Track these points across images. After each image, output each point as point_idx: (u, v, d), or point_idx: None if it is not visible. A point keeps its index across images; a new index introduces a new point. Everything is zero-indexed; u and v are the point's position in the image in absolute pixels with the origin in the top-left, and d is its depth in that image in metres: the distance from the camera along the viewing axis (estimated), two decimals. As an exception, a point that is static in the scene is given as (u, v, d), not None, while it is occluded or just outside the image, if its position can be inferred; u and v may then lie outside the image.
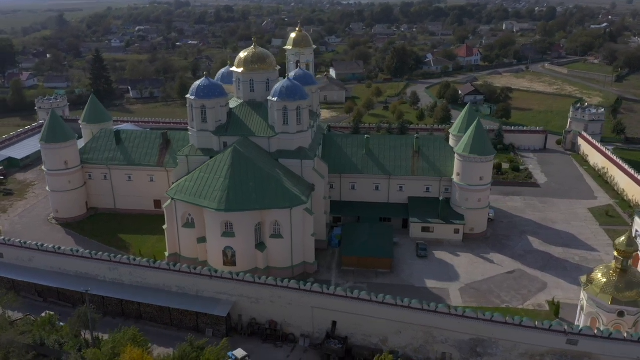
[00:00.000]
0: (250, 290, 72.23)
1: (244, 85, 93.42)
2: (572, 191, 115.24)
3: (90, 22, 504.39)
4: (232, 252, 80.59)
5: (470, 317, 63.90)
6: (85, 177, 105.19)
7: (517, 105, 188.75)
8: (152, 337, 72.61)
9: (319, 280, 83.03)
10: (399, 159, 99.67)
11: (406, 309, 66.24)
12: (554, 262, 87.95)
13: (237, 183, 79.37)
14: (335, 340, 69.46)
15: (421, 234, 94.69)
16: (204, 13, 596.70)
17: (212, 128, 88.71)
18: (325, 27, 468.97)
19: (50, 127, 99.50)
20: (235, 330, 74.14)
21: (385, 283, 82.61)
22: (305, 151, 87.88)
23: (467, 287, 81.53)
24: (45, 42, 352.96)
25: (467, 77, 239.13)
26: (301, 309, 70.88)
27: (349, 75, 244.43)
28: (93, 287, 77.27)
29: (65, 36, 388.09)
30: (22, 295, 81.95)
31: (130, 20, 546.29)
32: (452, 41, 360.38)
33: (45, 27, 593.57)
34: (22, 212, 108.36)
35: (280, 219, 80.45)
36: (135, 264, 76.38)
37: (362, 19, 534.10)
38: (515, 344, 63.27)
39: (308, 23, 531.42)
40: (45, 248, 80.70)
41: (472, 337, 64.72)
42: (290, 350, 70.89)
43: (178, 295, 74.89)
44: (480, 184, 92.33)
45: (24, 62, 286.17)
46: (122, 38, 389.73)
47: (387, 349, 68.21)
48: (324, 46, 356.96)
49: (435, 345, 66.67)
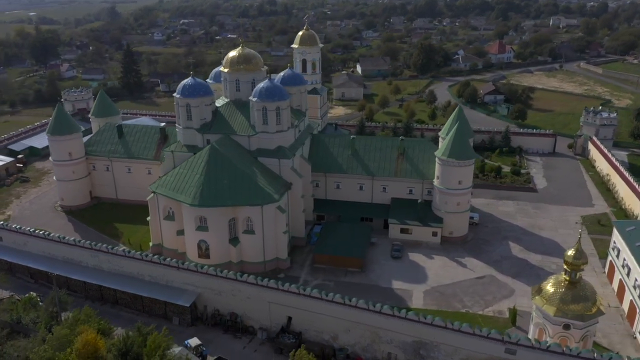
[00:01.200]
0: (214, 282, 75.94)
1: (230, 85, 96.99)
2: (570, 197, 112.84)
3: (137, 15, 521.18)
4: (206, 246, 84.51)
5: (412, 319, 65.20)
6: (89, 168, 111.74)
7: (538, 106, 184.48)
8: (124, 322, 78.20)
9: (289, 277, 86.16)
10: (383, 160, 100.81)
11: (353, 309, 68.23)
12: (528, 269, 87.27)
13: (212, 180, 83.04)
14: (290, 334, 72.35)
15: (400, 235, 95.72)
16: (249, 6, 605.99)
17: (197, 125, 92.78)
18: (365, 21, 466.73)
19: (56, 120, 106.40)
20: (200, 319, 78.20)
21: (353, 282, 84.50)
22: (284, 150, 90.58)
23: (432, 290, 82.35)
24: (90, 34, 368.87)
25: (495, 75, 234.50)
26: (259, 303, 74.02)
27: (374, 71, 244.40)
28: (76, 272, 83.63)
29: (111, 28, 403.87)
30: (17, 277, 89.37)
31: (177, 13, 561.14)
32: (490, 37, 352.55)
33: (98, 18, 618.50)
34: (34, 199, 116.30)
35: (252, 215, 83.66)
36: (113, 252, 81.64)
37: (405, 12, 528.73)
38: (456, 349, 64.18)
39: (349, 17, 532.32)
40: (36, 234, 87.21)
41: (415, 339, 66.02)
42: (248, 342, 74.21)
43: (149, 284, 79.55)
44: (459, 188, 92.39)
45: (67, 54, 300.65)
46: (163, 31, 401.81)
47: (337, 346, 70.85)
48: (357, 41, 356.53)
49: (381, 345, 68.38)
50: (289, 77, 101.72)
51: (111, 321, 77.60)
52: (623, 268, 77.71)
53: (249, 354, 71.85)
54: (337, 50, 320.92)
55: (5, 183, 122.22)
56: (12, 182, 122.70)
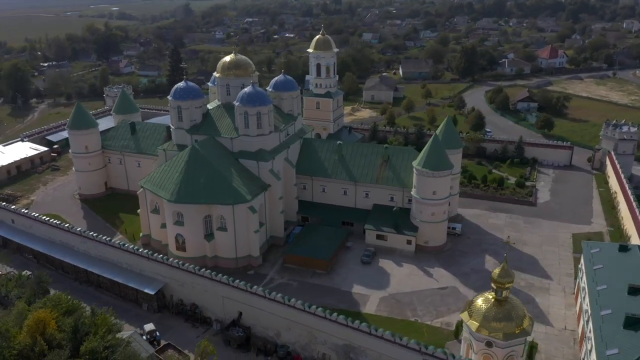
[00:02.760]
0: (177, 274, 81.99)
1: (221, 88, 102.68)
2: (569, 213, 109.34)
3: (206, 13, 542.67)
4: (183, 239, 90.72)
5: (341, 323, 67.83)
6: (105, 161, 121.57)
7: (574, 116, 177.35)
8: (102, 304, 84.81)
9: (258, 274, 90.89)
10: (367, 167, 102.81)
11: (292, 309, 71.81)
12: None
13: (190, 178, 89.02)
14: (240, 328, 76.99)
15: (376, 241, 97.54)
16: (315, 5, 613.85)
17: (187, 126, 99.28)
18: (426, 21, 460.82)
19: (74, 116, 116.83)
20: (167, 307, 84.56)
21: (317, 283, 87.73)
22: (263, 153, 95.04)
23: (389, 296, 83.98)
24: (156, 32, 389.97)
25: (540, 81, 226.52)
26: (214, 296, 79.25)
27: (415, 73, 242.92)
28: (68, 255, 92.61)
29: (177, 27, 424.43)
30: (24, 256, 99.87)
31: (244, 12, 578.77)
32: (553, 39, 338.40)
33: (173, 15, 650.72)
34: (58, 187, 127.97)
35: (224, 213, 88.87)
36: (97, 239, 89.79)
37: (472, 11, 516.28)
38: (380, 355, 66.29)
39: (413, 15, 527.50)
40: (38, 218, 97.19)
41: (345, 342, 68.69)
42: (203, 332, 79.63)
43: (125, 271, 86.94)
44: (433, 198, 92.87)
45: (130, 50, 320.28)
46: (225, 30, 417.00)
47: (280, 343, 74.71)
48: (411, 41, 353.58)
49: (317, 345, 71.55)
50: (280, 83, 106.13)
51: (91, 302, 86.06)
52: (582, 291, 75.86)
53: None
54: (387, 51, 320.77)
55: (37, 170, 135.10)
56: (43, 170, 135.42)
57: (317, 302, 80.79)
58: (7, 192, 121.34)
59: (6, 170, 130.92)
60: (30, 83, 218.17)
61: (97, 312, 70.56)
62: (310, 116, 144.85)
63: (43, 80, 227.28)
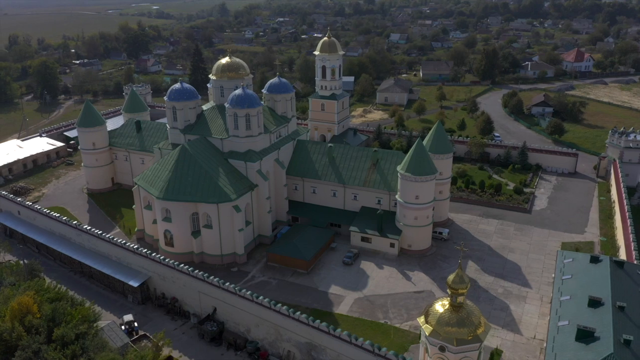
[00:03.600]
0: (159, 268, 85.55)
1: (215, 90, 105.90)
2: (563, 222, 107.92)
3: (238, 13, 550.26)
4: (170, 235, 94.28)
5: (303, 322, 69.75)
6: (112, 157, 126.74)
7: (591, 121, 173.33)
8: (91, 294, 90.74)
9: (242, 271, 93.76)
10: (356, 170, 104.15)
11: (260, 306, 74.15)
12: (472, 290, 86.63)
13: (178, 177, 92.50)
14: (214, 323, 79.91)
15: (361, 243, 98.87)
16: (348, 4, 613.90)
17: (181, 126, 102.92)
18: (457, 21, 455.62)
19: (83, 114, 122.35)
20: (150, 300, 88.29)
21: (295, 282, 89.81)
22: (251, 154, 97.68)
23: (364, 298, 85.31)
24: (188, 31, 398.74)
25: (563, 85, 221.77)
26: (192, 291, 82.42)
27: (435, 75, 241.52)
28: (64, 247, 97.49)
29: (208, 26, 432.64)
30: (28, 246, 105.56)
31: (276, 12, 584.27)
32: (585, 42, 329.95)
33: (210, 14, 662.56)
34: (69, 181, 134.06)
35: (210, 212, 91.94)
36: (89, 232, 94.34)
37: (507, 12, 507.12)
38: (339, 354, 67.93)
39: (447, 15, 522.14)
40: (39, 210, 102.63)
41: (308, 341, 70.61)
42: (181, 325, 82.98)
43: (114, 264, 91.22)
44: (415, 203, 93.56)
45: (159, 49, 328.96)
46: (255, 29, 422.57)
47: (250, 339, 77.30)
48: (439, 42, 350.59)
49: (282, 342, 73.73)
50: (274, 86, 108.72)
51: (82, 292, 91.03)
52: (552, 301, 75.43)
53: (177, 335, 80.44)
54: (412, 52, 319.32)
55: (52, 165, 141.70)
56: (58, 165, 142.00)
57: (293, 301, 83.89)
58: (21, 184, 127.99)
59: (22, 163, 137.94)
60: (58, 80, 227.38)
61: (77, 301, 74.87)
62: (315, 117, 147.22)
63: (71, 77, 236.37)
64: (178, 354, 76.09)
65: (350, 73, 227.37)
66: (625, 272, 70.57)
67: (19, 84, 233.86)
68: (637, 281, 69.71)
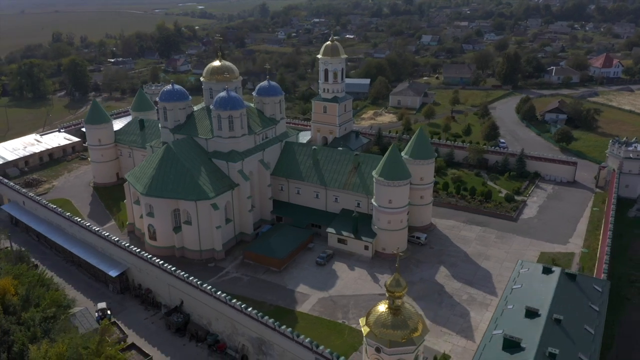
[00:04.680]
0: (135, 260, 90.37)
1: (205, 92, 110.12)
2: (548, 232, 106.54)
3: (275, 13, 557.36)
4: (153, 229, 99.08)
5: (253, 317, 72.72)
6: (117, 153, 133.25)
7: (605, 130, 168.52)
8: (77, 281, 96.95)
9: (218, 266, 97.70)
10: (337, 173, 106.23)
11: (218, 301, 77.57)
12: (436, 296, 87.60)
13: (161, 174, 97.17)
14: (180, 314, 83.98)
15: (337, 244, 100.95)
16: (388, 5, 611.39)
17: (171, 126, 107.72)
18: (495, 23, 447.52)
19: (90, 112, 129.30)
20: (129, 290, 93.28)
21: (266, 280, 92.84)
22: (234, 154, 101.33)
23: (328, 298, 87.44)
24: (223, 31, 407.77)
25: (586, 92, 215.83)
26: (162, 284, 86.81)
27: (456, 79, 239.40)
28: (58, 236, 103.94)
29: (244, 26, 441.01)
30: (29, 235, 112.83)
31: (313, 12, 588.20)
32: (621, 47, 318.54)
33: (251, 14, 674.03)
34: (79, 174, 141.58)
35: (189, 209, 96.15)
36: (79, 224, 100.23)
37: (549, 14, 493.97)
38: (284, 350, 70.59)
39: (486, 17, 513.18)
40: (40, 201, 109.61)
41: (258, 336, 73.56)
42: (152, 315, 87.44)
43: (98, 254, 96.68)
44: (388, 207, 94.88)
45: (192, 49, 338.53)
46: (288, 30, 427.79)
47: (211, 331, 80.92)
48: (470, 44, 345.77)
49: (238, 336, 76.95)
50: (263, 89, 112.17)
51: (70, 279, 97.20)
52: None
53: (147, 324, 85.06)
54: (440, 54, 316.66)
55: (67, 159, 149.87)
56: (72, 159, 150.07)
57: (259, 298, 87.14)
58: (34, 176, 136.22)
59: (39, 157, 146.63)
60: (88, 78, 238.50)
61: (54, 287, 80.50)
62: (318, 119, 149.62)
63: (101, 75, 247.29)
64: (144, 342, 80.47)
65: (367, 75, 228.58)
66: (576, 285, 70.08)
67: (53, 81, 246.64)
68: (588, 295, 69.13)
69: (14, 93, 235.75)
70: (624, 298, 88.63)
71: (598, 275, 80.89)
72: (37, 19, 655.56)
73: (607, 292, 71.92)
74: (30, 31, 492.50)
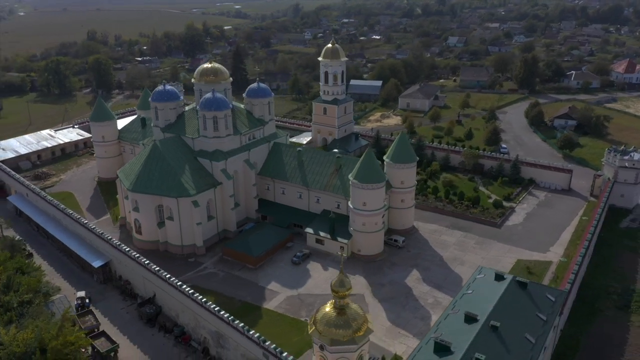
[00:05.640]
0: (115, 253, 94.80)
1: (196, 92, 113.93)
2: (529, 239, 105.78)
3: (305, 14, 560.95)
4: (139, 224, 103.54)
5: (211, 311, 75.71)
6: (120, 150, 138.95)
7: (615, 137, 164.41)
8: (65, 271, 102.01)
9: (197, 261, 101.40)
10: (319, 174, 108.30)
11: (182, 294, 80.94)
12: (402, 298, 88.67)
13: (147, 171, 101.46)
14: (152, 306, 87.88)
15: (315, 244, 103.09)
16: (421, 5, 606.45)
17: (162, 125, 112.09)
18: (526, 24, 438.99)
19: (95, 110, 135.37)
20: (110, 280, 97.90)
21: (240, 276, 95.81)
22: (217, 153, 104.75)
23: (296, 296, 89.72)
24: (250, 31, 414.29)
25: (604, 97, 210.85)
26: (138, 276, 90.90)
27: (472, 82, 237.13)
28: (52, 227, 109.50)
29: (272, 26, 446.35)
30: (30, 225, 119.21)
31: (344, 13, 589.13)
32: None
33: (284, 14, 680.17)
34: (87, 169, 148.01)
35: (171, 205, 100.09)
36: (70, 216, 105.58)
37: (584, 16, 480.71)
38: (237, 344, 73.28)
39: (520, 18, 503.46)
40: (38, 192, 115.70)
41: (216, 329, 76.50)
42: (128, 305, 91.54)
43: (85, 245, 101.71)
44: (362, 209, 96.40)
45: (218, 49, 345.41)
46: (315, 30, 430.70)
47: (179, 323, 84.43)
48: (496, 47, 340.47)
49: (200, 329, 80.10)
50: (253, 90, 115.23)
51: (60, 268, 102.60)
52: (462, 313, 76.08)
53: (122, 314, 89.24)
54: (464, 56, 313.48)
55: (78, 154, 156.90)
56: (82, 154, 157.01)
57: (230, 293, 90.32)
58: (43, 170, 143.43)
59: (51, 151, 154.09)
60: (112, 76, 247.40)
61: (32, 275, 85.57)
62: (318, 121, 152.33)
63: (125, 74, 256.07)
64: (116, 331, 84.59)
65: (380, 77, 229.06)
66: (526, 294, 70.16)
67: (79, 78, 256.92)
68: (537, 304, 69.08)
69: (41, 89, 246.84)
70: (597, 310, 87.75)
71: (562, 285, 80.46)
72: (78, 17, 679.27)
73: (560, 302, 71.62)
74: (70, 28, 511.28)
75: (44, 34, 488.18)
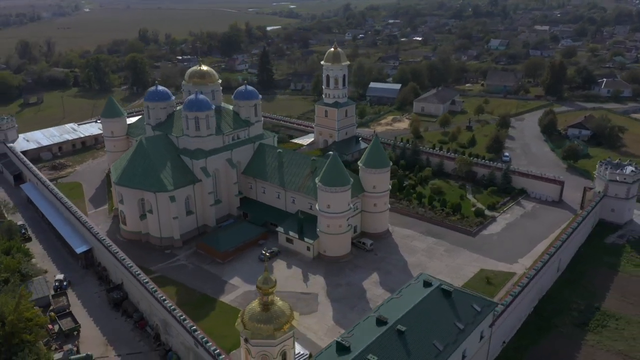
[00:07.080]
0: (93, 240, 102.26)
1: (185, 94, 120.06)
2: (501, 250, 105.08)
3: (351, 14, 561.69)
4: (124, 215, 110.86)
5: (158, 300, 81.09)
6: (129, 145, 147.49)
7: (629, 149, 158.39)
8: (55, 254, 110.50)
9: (172, 253, 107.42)
10: (296, 176, 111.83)
11: (139, 283, 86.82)
12: (354, 300, 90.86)
13: (132, 166, 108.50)
14: (120, 292, 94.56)
15: (286, 243, 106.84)
16: (474, 5, 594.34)
17: (153, 123, 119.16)
18: (577, 27, 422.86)
19: (106, 107, 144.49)
20: (92, 266, 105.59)
21: (208, 270, 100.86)
22: (198, 152, 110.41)
23: (253, 291, 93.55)
24: (291, 32, 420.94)
25: (634, 107, 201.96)
26: (110, 263, 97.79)
27: (499, 87, 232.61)
28: (51, 214, 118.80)
29: (315, 27, 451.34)
30: (37, 213, 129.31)
31: (392, 13, 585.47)
32: None
33: (336, 14, 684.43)
34: (100, 162, 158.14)
35: (150, 199, 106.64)
36: (66, 204, 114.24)
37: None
38: (178, 333, 78.28)
39: (575, 21, 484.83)
40: (44, 181, 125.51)
41: (163, 318, 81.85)
42: (100, 290, 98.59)
43: (74, 232, 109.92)
44: (327, 211, 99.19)
45: (257, 49, 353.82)
46: (356, 31, 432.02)
47: (139, 310, 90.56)
48: (538, 50, 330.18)
49: (153, 317, 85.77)
50: (240, 93, 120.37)
51: (52, 252, 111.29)
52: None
53: (94, 298, 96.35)
54: (501, 60, 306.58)
55: (96, 147, 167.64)
56: (100, 147, 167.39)
57: (192, 285, 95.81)
58: (61, 161, 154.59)
59: (72, 144, 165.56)
60: (147, 74, 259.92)
61: (15, 255, 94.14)
62: (320, 123, 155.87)
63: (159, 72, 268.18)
64: (84, 313, 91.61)
65: (401, 80, 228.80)
66: (448, 302, 70.98)
67: (119, 75, 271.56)
68: (458, 313, 69.80)
69: (83, 85, 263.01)
70: (553, 325, 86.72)
71: (504, 297, 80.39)
72: (138, 15, 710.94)
73: (487, 313, 72.06)
74: (128, 26, 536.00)
75: (103, 30, 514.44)
